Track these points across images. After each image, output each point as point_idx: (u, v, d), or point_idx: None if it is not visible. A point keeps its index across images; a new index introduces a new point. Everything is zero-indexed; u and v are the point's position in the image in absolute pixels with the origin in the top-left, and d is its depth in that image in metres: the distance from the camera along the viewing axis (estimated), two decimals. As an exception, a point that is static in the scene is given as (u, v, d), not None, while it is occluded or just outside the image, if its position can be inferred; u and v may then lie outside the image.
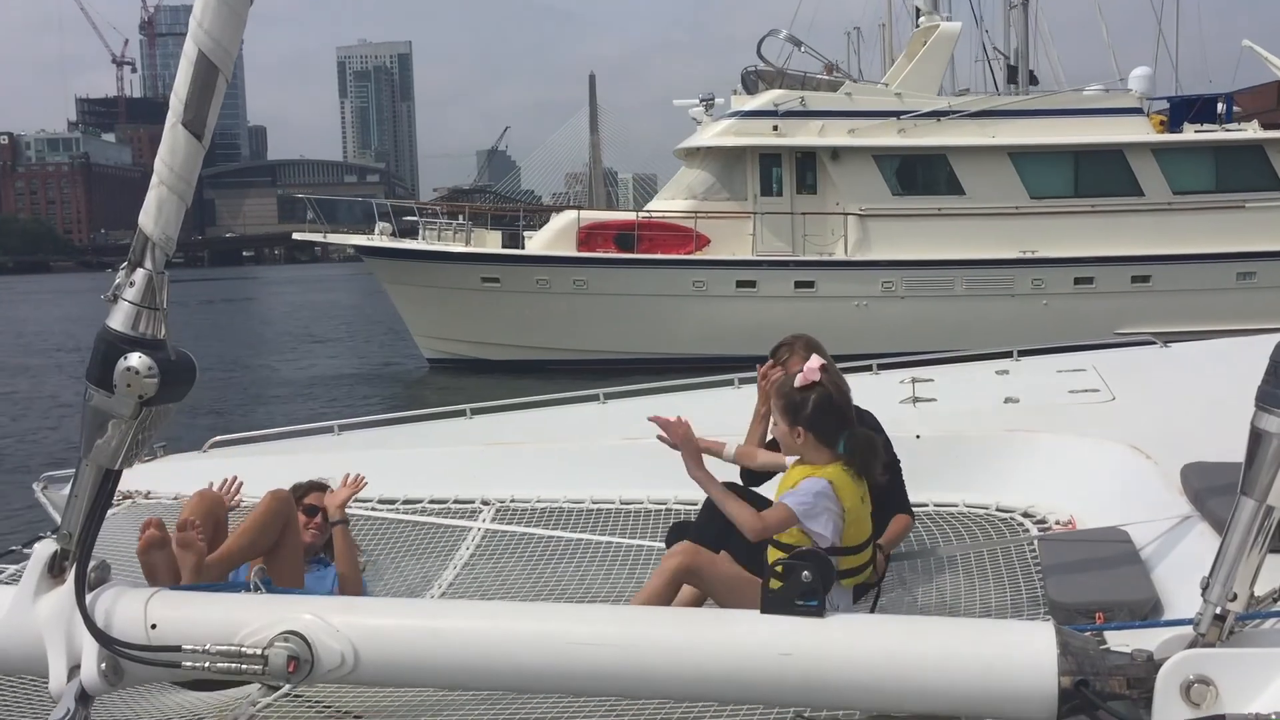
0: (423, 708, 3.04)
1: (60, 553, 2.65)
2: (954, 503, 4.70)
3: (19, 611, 2.63)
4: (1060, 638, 2.28)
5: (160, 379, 2.51)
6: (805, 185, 23.75)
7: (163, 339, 2.55)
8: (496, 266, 23.70)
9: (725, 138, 23.86)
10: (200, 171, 2.75)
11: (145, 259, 2.54)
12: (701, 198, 23.86)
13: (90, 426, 2.56)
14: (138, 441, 2.58)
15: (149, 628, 2.59)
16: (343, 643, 2.53)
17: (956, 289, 22.80)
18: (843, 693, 2.43)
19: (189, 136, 2.53)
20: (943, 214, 23.19)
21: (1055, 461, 4.76)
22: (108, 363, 2.50)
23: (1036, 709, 2.27)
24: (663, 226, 23.61)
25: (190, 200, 2.60)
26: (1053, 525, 4.35)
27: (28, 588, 2.64)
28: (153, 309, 2.54)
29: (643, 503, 5.08)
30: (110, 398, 2.52)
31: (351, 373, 26.48)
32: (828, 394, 3.47)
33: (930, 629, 2.62)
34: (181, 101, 2.51)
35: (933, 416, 5.46)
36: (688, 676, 2.49)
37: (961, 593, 3.90)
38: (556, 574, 4.44)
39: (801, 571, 2.48)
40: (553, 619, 2.69)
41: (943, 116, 23.48)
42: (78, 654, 2.56)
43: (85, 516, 2.60)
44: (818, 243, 23.44)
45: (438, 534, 5.01)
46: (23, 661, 2.70)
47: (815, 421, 3.46)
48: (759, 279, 22.99)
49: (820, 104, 23.84)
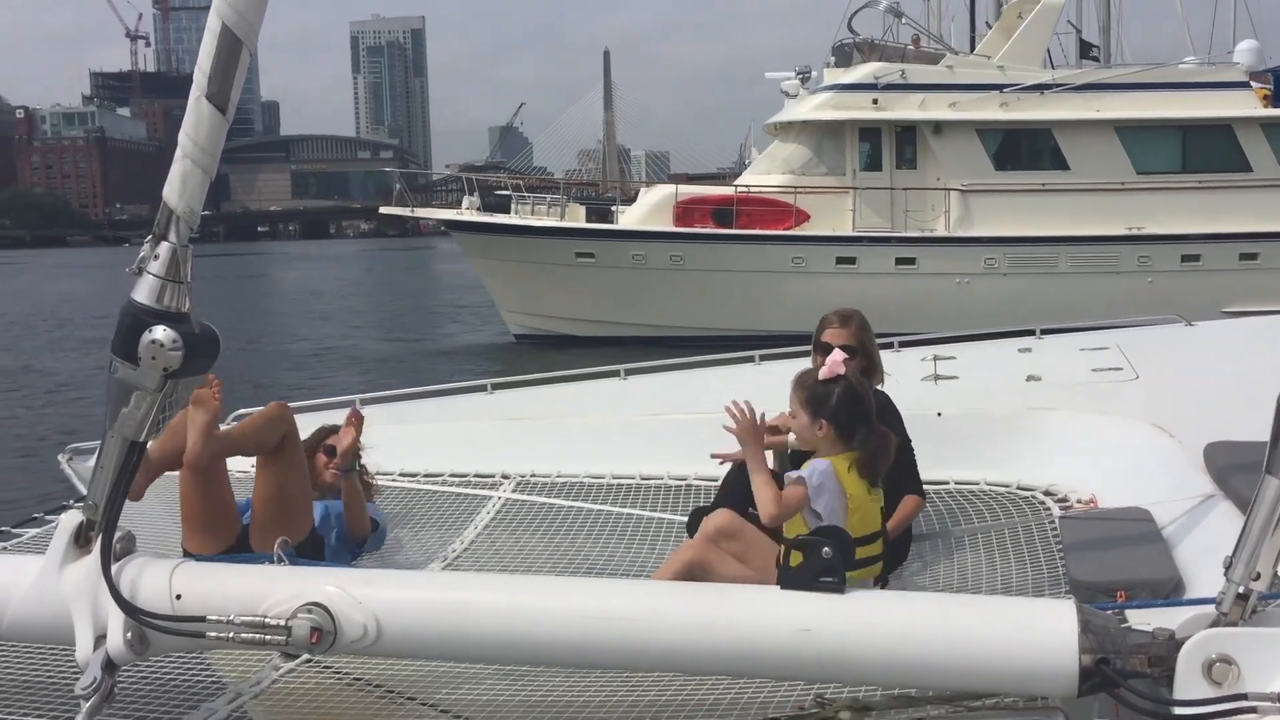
0: (444, 679, 3.07)
1: (86, 523, 2.67)
2: (975, 481, 4.70)
3: (45, 581, 2.66)
4: (1081, 615, 2.28)
5: (184, 352, 2.52)
6: (904, 160, 23.42)
7: (187, 312, 2.57)
8: (592, 241, 23.41)
9: (823, 111, 23.49)
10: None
11: (169, 232, 2.55)
12: (799, 172, 23.51)
13: (115, 398, 2.58)
14: (162, 413, 2.59)
15: (174, 598, 2.62)
16: (365, 615, 2.55)
17: (1061, 266, 22.35)
18: (862, 669, 2.44)
19: (213, 110, 2.53)
20: (1047, 189, 22.73)
21: (1077, 440, 4.74)
22: (132, 335, 2.52)
23: (1057, 686, 2.28)
24: (761, 201, 23.24)
25: (214, 174, 2.61)
26: (1074, 504, 4.34)
27: (54, 557, 2.67)
28: (177, 282, 2.55)
29: (663, 478, 5.09)
30: (135, 370, 2.54)
31: (438, 349, 26.23)
32: (851, 387, 3.48)
33: (951, 606, 2.62)
34: (205, 75, 2.51)
35: (954, 394, 5.45)
36: (706, 651, 2.50)
37: (982, 571, 3.90)
38: (576, 547, 4.46)
39: (821, 548, 2.48)
40: (573, 593, 2.70)
41: (1046, 90, 22.89)
42: (103, 624, 2.59)
43: (110, 487, 2.62)
44: (918, 218, 23.06)
45: (458, 505, 5.04)
46: (49, 630, 2.73)
47: (839, 415, 3.47)
48: (859, 255, 22.64)
49: (920, 77, 23.41)
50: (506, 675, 3.04)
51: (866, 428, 3.49)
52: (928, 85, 23.27)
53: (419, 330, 30.95)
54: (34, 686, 3.24)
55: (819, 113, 23.55)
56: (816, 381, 3.51)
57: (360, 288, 52.71)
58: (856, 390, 3.50)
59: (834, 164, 23.51)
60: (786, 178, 23.48)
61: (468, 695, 2.98)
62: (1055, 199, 22.63)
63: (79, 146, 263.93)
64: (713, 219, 23.33)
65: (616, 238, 23.39)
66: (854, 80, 23.46)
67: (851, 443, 3.47)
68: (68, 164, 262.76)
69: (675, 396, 5.64)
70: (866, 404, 3.51)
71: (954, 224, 22.90)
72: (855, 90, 23.34)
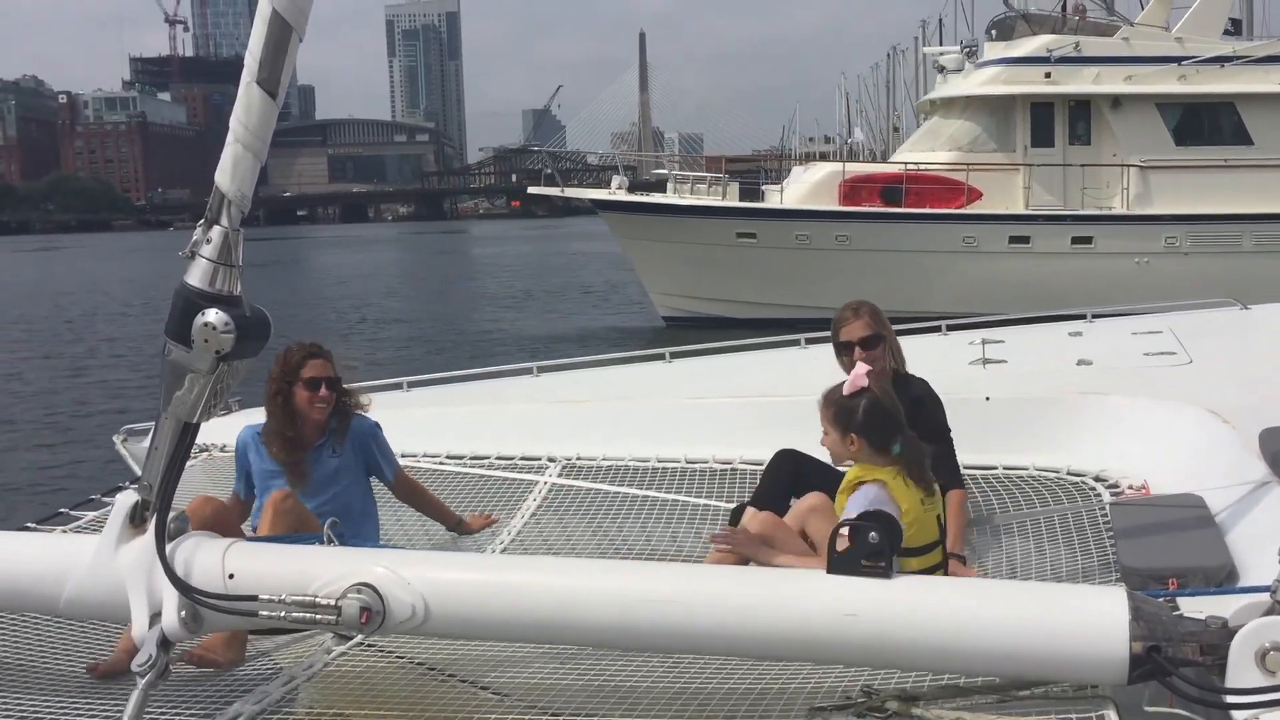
0: (491, 661, 3.09)
1: (141, 503, 2.71)
2: (1024, 466, 4.63)
3: (102, 560, 2.70)
4: (1132, 603, 2.26)
5: (236, 335, 2.55)
6: (1077, 136, 22.43)
7: (238, 295, 2.60)
8: (754, 221, 22.74)
9: (994, 86, 22.67)
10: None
11: (221, 216, 2.58)
12: (966, 149, 22.66)
13: (169, 380, 2.61)
14: (215, 395, 2.61)
15: (227, 577, 2.65)
16: (414, 595, 2.57)
17: (1245, 245, 21.35)
18: (909, 655, 2.43)
19: (263, 95, 2.55)
20: (1230, 165, 21.61)
21: (1129, 425, 4.66)
22: (186, 318, 2.55)
23: (1107, 674, 2.26)
24: (932, 180, 22.40)
25: (265, 158, 2.63)
26: (1125, 490, 4.26)
27: (110, 537, 2.71)
28: (229, 265, 2.58)
29: (708, 462, 5.06)
30: (188, 353, 2.57)
31: (587, 331, 25.56)
32: (877, 399, 3.46)
33: (999, 592, 2.60)
34: (256, 60, 2.52)
35: (1003, 378, 5.38)
36: (753, 635, 2.49)
37: (1031, 557, 3.85)
38: (621, 531, 4.46)
39: (869, 533, 2.47)
40: (620, 576, 2.71)
41: (1226, 63, 21.84)
42: (158, 602, 2.63)
43: (165, 468, 2.65)
44: (1094, 196, 22.09)
45: (504, 488, 5.06)
46: (106, 608, 2.78)
47: (868, 427, 3.44)
48: (1033, 234, 21.70)
49: (1095, 50, 22.45)
50: (554, 658, 3.05)
51: (900, 435, 3.44)
52: (1103, 58, 22.28)
53: (565, 310, 30.44)
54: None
55: (988, 87, 22.66)
56: (842, 396, 3.49)
57: (467, 270, 52.00)
58: (883, 402, 3.47)
59: (1004, 140, 22.57)
60: (953, 155, 22.63)
61: (516, 678, 2.99)
62: (1239, 175, 21.48)
63: (121, 131, 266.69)
64: (880, 198, 22.45)
65: (780, 217, 22.61)
66: (1025, 53, 22.57)
67: (889, 452, 3.43)
68: (110, 149, 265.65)
69: (721, 379, 5.61)
70: (895, 413, 3.47)
71: (1132, 201, 21.83)
72: (1026, 64, 22.44)
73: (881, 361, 4.11)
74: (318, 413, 4.12)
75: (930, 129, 24.22)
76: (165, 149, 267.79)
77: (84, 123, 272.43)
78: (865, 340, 4.12)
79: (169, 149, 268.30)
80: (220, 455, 5.21)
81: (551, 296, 34.24)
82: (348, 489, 4.17)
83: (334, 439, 4.16)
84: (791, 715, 2.54)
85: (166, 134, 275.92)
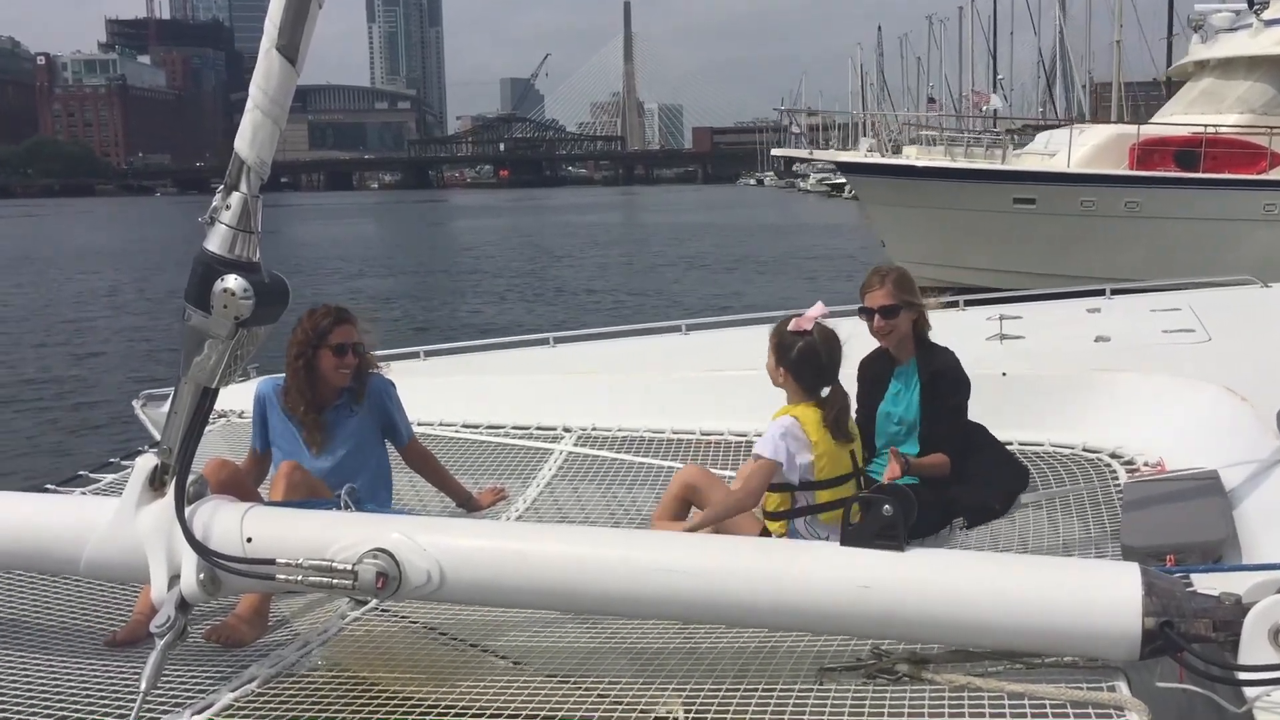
0: (505, 625, 3.12)
1: (160, 467, 2.73)
2: (1039, 442, 4.64)
3: (122, 522, 2.73)
4: (1146, 578, 2.31)
5: (255, 300, 2.56)
6: None
7: (257, 261, 2.63)
8: (1035, 186, 21.38)
9: None
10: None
11: (241, 183, 2.60)
12: (1260, 112, 21.26)
13: (188, 346, 2.64)
14: (234, 360, 2.63)
15: (245, 541, 2.68)
16: (429, 561, 2.61)
17: None
18: (921, 627, 2.48)
19: (283, 61, 2.56)
20: None
21: (1146, 402, 4.67)
22: (205, 284, 2.57)
23: (1119, 649, 2.30)
24: (1230, 143, 21.03)
25: (284, 124, 2.66)
26: (1141, 467, 4.27)
27: (130, 500, 2.73)
28: (248, 232, 2.60)
29: (723, 434, 5.11)
30: (207, 318, 2.59)
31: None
32: (814, 346, 3.70)
33: (1012, 566, 2.64)
34: (276, 26, 2.54)
35: (1020, 354, 5.40)
36: (766, 605, 2.54)
37: (1045, 532, 3.88)
38: (636, 500, 4.51)
39: (882, 506, 2.49)
40: (633, 545, 2.75)
41: None
42: (177, 564, 2.66)
43: (184, 432, 2.69)
44: None
45: (520, 457, 5.11)
46: (125, 569, 2.80)
47: (797, 366, 3.73)
48: None
49: None
50: (566, 622, 3.08)
51: (825, 384, 3.74)
52: None
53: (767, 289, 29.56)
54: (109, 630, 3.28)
55: None
56: (787, 331, 3.76)
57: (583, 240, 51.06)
58: (818, 348, 3.71)
59: None
60: (1246, 117, 21.28)
61: (529, 642, 3.04)
62: None
63: (100, 95, 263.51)
64: (1175, 162, 21.11)
65: (1065, 182, 21.13)
66: None
67: (813, 395, 3.72)
68: (89, 112, 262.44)
69: (736, 351, 5.61)
70: (824, 363, 3.73)
71: None
72: None
73: (899, 332, 4.19)
74: (342, 378, 4.17)
75: (1209, 91, 22.58)
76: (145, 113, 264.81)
77: (62, 85, 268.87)
78: (885, 309, 4.18)
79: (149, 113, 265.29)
80: (238, 421, 5.27)
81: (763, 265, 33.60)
82: (363, 448, 4.24)
83: (352, 399, 4.23)
84: (801, 676, 2.59)
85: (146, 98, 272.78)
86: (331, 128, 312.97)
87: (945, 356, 4.23)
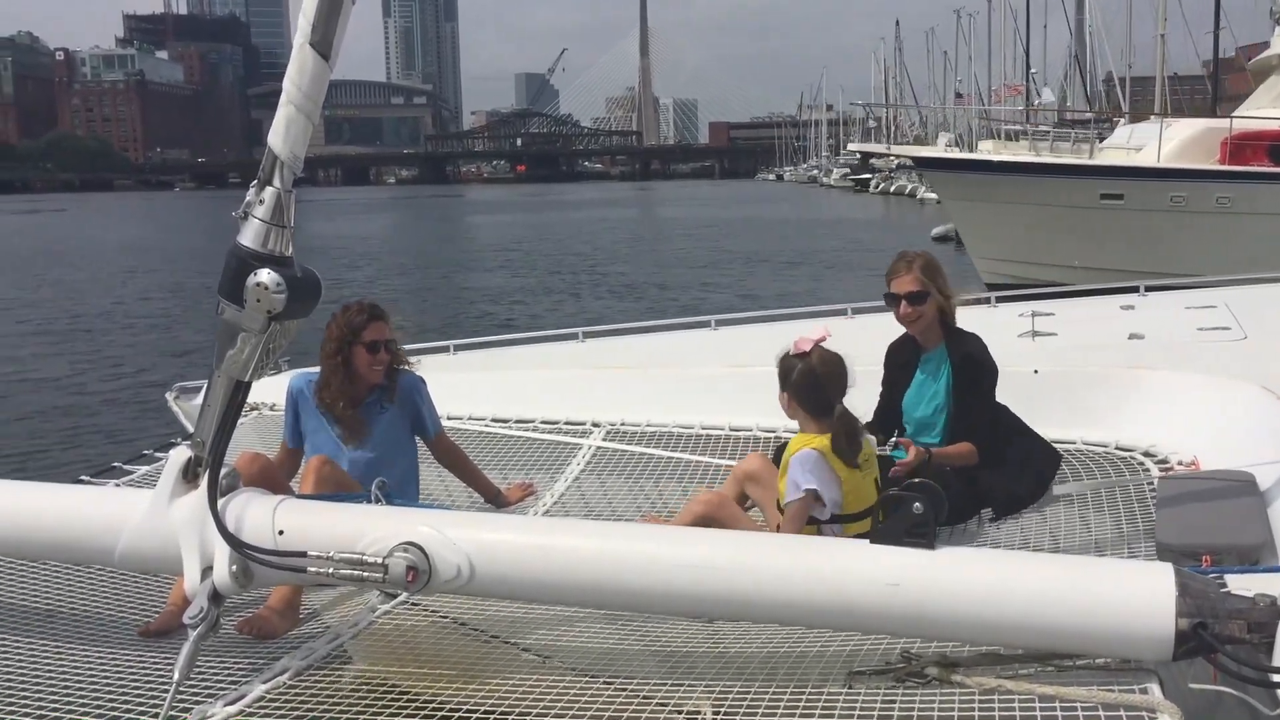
0: (534, 621, 3.14)
1: (194, 459, 2.75)
2: (1071, 440, 4.61)
3: (156, 513, 2.77)
4: (1179, 579, 2.30)
5: (288, 295, 2.58)
6: None
7: (290, 256, 2.64)
8: (1122, 181, 20.91)
9: None
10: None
11: (274, 177, 2.63)
12: None
13: (222, 339, 2.68)
14: (266, 354, 2.65)
15: (276, 533, 2.71)
16: (459, 556, 2.63)
17: None
18: (951, 626, 2.48)
19: (316, 57, 2.58)
20: None
21: (1180, 400, 4.63)
22: (238, 278, 2.60)
23: (1152, 650, 2.29)
24: None
25: (317, 119, 2.67)
26: (1175, 466, 4.24)
27: (164, 491, 2.76)
28: (281, 226, 2.63)
29: (751, 430, 5.12)
30: (241, 312, 2.62)
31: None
32: (812, 369, 3.62)
33: (1044, 565, 2.64)
34: (309, 22, 2.56)
35: (1052, 351, 5.39)
36: (794, 602, 2.55)
37: (1076, 531, 3.86)
38: (664, 495, 4.52)
39: (913, 504, 2.49)
40: (663, 541, 2.76)
41: None
42: (210, 556, 2.69)
43: (217, 425, 2.72)
44: None
45: (548, 451, 5.14)
46: (159, 561, 2.84)
47: (797, 391, 3.65)
48: None
49: None
50: (595, 619, 3.09)
51: (830, 407, 3.61)
52: None
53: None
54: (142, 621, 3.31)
55: None
56: (788, 355, 3.69)
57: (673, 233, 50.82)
58: (816, 371, 3.62)
59: None
60: None
61: (558, 639, 3.05)
62: None
63: (119, 90, 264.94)
64: (1269, 157, 20.54)
65: (1155, 177, 20.59)
66: None
67: (822, 420, 3.63)
68: (107, 107, 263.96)
69: (765, 347, 5.62)
70: (825, 387, 3.62)
71: None
72: None
73: (927, 318, 4.19)
74: (375, 375, 4.21)
75: None
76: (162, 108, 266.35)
77: (81, 80, 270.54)
78: (912, 295, 4.18)
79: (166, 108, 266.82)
80: (269, 414, 5.33)
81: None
82: (395, 443, 4.28)
83: (384, 395, 4.27)
84: (830, 678, 2.59)
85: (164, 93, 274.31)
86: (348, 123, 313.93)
87: (973, 341, 4.22)
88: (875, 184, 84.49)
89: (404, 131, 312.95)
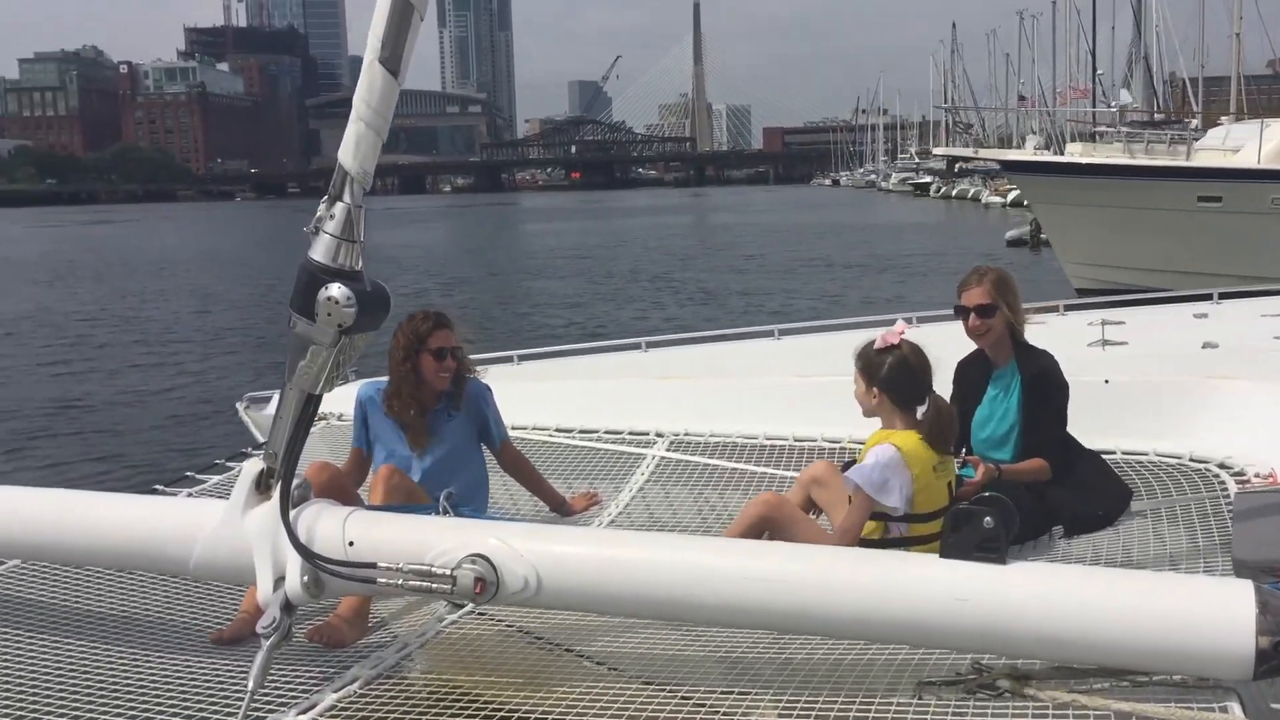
0: (600, 630, 3.15)
1: (266, 471, 2.79)
2: (1144, 451, 4.54)
3: (230, 524, 2.82)
4: (1260, 596, 2.27)
5: (358, 308, 2.61)
6: None
7: (360, 270, 2.67)
8: (1221, 184, 20.59)
9: None
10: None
11: (344, 193, 2.67)
12: None
13: (294, 352, 2.73)
14: (336, 367, 2.69)
15: (347, 544, 2.75)
16: (526, 567, 2.65)
17: None
18: (1021, 642, 2.46)
19: (385, 74, 2.62)
20: None
21: (1256, 411, 4.54)
22: (310, 292, 2.64)
23: (1231, 669, 2.25)
24: None
25: (386, 135, 2.73)
26: (1251, 479, 4.15)
27: (237, 502, 2.82)
28: (351, 241, 2.66)
29: (816, 440, 5.10)
30: (312, 325, 2.67)
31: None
32: (905, 359, 3.62)
33: (1119, 580, 2.60)
34: (379, 39, 2.60)
35: (1123, 361, 5.31)
36: (862, 617, 2.54)
37: (1150, 546, 3.79)
38: (728, 507, 4.51)
39: (984, 518, 2.46)
40: (732, 554, 2.77)
41: None
42: (282, 566, 2.74)
43: (289, 437, 2.76)
44: None
45: (612, 462, 5.17)
46: (233, 571, 2.89)
47: (890, 384, 3.62)
48: None
49: None
50: (661, 628, 3.09)
51: (921, 398, 3.61)
52: None
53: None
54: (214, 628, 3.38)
55: None
56: (873, 351, 3.67)
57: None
58: (910, 361, 3.62)
59: None
60: None
61: (623, 648, 3.06)
62: None
63: (181, 102, 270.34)
64: None
65: (1256, 179, 20.28)
66: None
67: (912, 413, 3.61)
68: (170, 119, 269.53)
69: (829, 357, 5.60)
70: (919, 376, 3.63)
71: None
72: None
73: (995, 332, 4.16)
74: (442, 382, 4.28)
75: None
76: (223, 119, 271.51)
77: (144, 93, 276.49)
78: (981, 308, 4.15)
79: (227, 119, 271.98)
80: (338, 424, 5.41)
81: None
82: (463, 450, 4.34)
83: (451, 402, 4.33)
84: (899, 689, 2.57)
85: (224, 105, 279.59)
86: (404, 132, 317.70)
87: (1045, 358, 4.19)
88: (936, 188, 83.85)
89: (459, 140, 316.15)
